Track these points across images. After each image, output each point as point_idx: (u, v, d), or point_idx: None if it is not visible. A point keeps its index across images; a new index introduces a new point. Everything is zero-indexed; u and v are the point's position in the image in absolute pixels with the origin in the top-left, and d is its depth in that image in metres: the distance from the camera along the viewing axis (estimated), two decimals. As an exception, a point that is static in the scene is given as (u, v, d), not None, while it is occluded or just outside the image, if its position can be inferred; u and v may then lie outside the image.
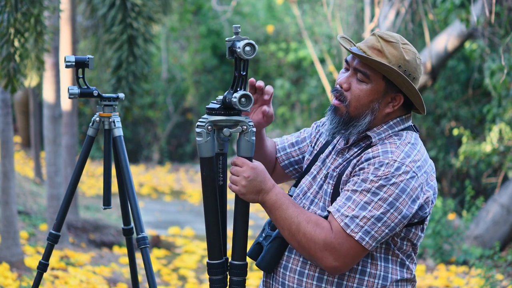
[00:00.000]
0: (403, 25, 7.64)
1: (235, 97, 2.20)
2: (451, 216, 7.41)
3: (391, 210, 2.16)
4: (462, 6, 6.69)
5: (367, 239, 2.16)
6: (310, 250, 2.18)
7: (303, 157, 2.52)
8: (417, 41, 9.41)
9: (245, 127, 2.23)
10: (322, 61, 12.14)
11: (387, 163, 2.18)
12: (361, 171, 2.20)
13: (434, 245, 7.00)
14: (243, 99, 2.21)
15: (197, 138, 2.24)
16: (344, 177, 2.26)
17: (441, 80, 9.94)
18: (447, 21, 8.04)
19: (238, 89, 2.23)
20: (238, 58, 2.25)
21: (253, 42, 2.23)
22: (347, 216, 2.16)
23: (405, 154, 2.21)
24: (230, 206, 2.21)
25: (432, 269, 6.83)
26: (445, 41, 8.00)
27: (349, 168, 2.25)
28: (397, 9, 7.28)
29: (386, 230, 2.17)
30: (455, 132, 8.32)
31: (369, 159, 2.21)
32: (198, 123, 2.24)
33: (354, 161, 2.25)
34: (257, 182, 2.22)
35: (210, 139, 2.23)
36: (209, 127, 2.23)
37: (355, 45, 2.34)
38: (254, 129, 2.24)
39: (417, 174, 2.19)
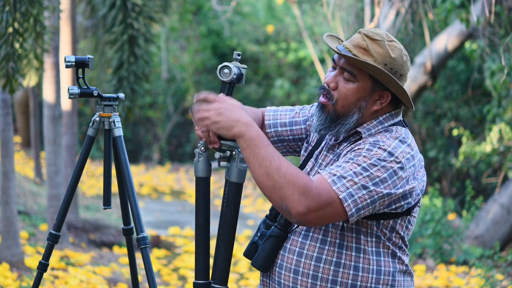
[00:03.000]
0: (403, 25, 7.65)
1: None
2: (451, 216, 7.41)
3: (376, 188, 2.15)
4: (462, 6, 6.69)
5: (349, 201, 2.13)
6: (286, 191, 2.11)
7: (293, 139, 2.51)
8: (417, 41, 9.42)
9: (234, 152, 2.24)
10: (322, 61, 12.13)
11: (379, 146, 2.19)
12: (353, 151, 2.21)
13: (434, 245, 7.00)
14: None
15: (194, 159, 2.29)
16: None
17: (441, 80, 9.94)
18: (447, 21, 8.05)
19: None
20: (222, 81, 2.27)
21: (231, 65, 2.23)
22: (335, 175, 2.14)
23: (396, 145, 2.22)
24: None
25: (432, 269, 6.83)
26: (445, 41, 8.00)
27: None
28: (397, 9, 7.28)
29: (368, 201, 2.15)
30: (455, 132, 8.32)
31: (359, 144, 2.23)
32: (198, 144, 2.28)
33: (344, 152, 2.27)
34: (235, 113, 2.16)
35: (203, 160, 2.27)
36: (202, 148, 2.27)
37: (343, 42, 2.34)
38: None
39: (405, 166, 2.20)
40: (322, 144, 2.39)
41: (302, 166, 2.42)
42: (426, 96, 10.17)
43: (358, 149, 2.21)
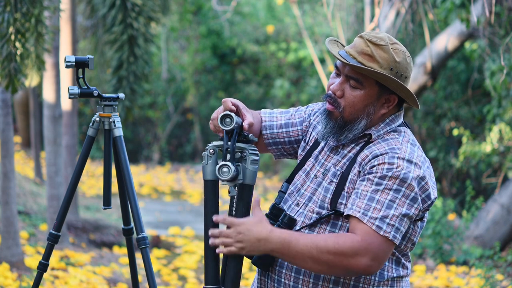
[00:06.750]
0: (403, 25, 7.64)
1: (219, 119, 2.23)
2: (451, 216, 7.41)
3: (415, 205, 2.19)
4: (462, 6, 6.68)
5: (398, 236, 2.18)
6: (342, 263, 2.16)
7: (289, 141, 2.50)
8: (417, 41, 9.42)
9: (244, 154, 2.24)
10: (322, 61, 12.13)
11: (398, 157, 2.20)
12: (374, 168, 2.21)
13: (434, 245, 6.99)
14: (227, 119, 2.23)
15: (203, 161, 2.28)
16: (351, 176, 2.26)
17: (441, 80, 9.94)
18: (447, 21, 8.04)
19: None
20: None
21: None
22: (376, 218, 2.16)
23: (411, 150, 2.24)
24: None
25: (432, 269, 6.83)
26: (445, 41, 8.00)
27: (356, 167, 2.25)
28: (397, 9, 7.28)
29: (409, 222, 2.22)
30: (455, 132, 8.32)
31: (377, 156, 2.22)
32: (206, 147, 2.28)
33: (359, 159, 2.25)
34: (252, 234, 2.18)
35: (211, 163, 2.26)
36: (211, 151, 2.25)
37: (344, 47, 2.34)
38: (255, 158, 2.24)
39: (423, 168, 2.23)
40: (322, 144, 2.38)
41: (300, 165, 2.41)
42: (426, 96, 10.17)
43: (378, 164, 2.20)
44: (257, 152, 2.26)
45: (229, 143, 2.23)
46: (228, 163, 2.20)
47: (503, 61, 4.77)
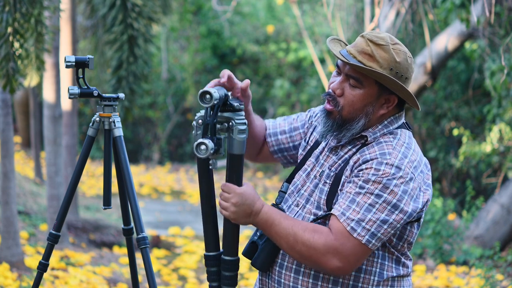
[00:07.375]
0: (403, 25, 7.64)
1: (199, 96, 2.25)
2: (451, 216, 7.41)
3: (396, 212, 2.17)
4: (462, 6, 6.68)
5: (373, 241, 2.17)
6: (312, 257, 2.18)
7: (293, 146, 2.52)
8: (417, 41, 9.42)
9: (231, 123, 2.23)
10: (322, 61, 12.13)
11: (386, 163, 2.19)
12: (361, 172, 2.21)
13: (434, 245, 6.99)
14: (207, 96, 2.24)
15: (193, 132, 2.28)
16: (343, 178, 2.26)
17: (441, 80, 9.94)
18: (447, 21, 8.04)
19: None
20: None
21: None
22: (353, 220, 2.17)
23: (402, 155, 2.22)
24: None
25: (432, 269, 6.83)
26: (445, 41, 8.00)
27: (348, 169, 2.26)
28: (397, 9, 7.28)
29: (392, 231, 2.20)
30: (455, 132, 8.32)
31: (367, 161, 2.22)
32: (195, 117, 2.29)
33: (351, 162, 2.26)
34: (246, 206, 2.23)
35: (201, 133, 2.26)
36: (199, 121, 2.26)
37: (346, 46, 2.34)
38: (242, 127, 2.23)
39: (414, 175, 2.21)
40: (323, 144, 2.39)
41: (301, 165, 2.41)
42: (426, 96, 10.16)
43: (366, 169, 2.20)
44: (244, 121, 2.25)
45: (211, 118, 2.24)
46: (205, 140, 2.19)
47: (503, 61, 4.77)
